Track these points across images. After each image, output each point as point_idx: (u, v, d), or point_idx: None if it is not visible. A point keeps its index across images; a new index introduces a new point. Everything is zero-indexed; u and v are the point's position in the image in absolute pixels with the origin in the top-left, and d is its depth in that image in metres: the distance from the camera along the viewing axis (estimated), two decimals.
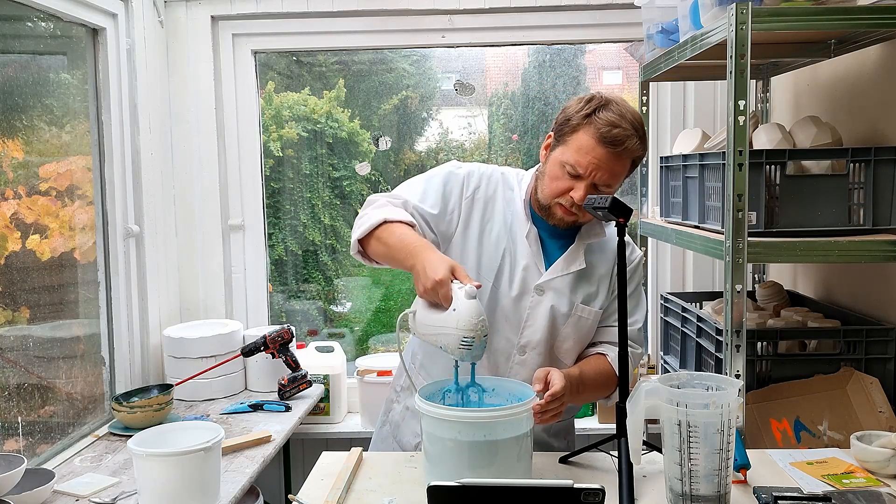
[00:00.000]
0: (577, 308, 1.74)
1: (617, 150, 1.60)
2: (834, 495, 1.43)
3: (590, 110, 1.63)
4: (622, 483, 1.43)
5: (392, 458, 1.73)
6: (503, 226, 1.74)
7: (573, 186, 1.64)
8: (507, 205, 1.76)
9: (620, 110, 1.63)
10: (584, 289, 1.75)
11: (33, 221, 2.36)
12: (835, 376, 1.97)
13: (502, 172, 1.81)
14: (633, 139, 1.61)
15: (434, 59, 3.48)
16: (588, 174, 1.62)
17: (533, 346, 1.73)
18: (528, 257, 1.72)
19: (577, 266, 1.73)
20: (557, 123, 1.69)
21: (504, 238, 1.73)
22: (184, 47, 2.99)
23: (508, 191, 1.78)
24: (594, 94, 1.68)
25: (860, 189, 1.84)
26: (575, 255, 1.74)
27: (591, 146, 1.61)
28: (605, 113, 1.62)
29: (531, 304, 1.72)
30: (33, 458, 2.20)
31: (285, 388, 2.75)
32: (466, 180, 1.76)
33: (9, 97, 2.29)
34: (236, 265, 3.15)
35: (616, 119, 1.61)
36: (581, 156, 1.62)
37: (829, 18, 1.72)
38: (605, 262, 1.78)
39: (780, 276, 2.67)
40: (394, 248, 1.61)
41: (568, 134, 1.65)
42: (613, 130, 1.60)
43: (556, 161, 1.66)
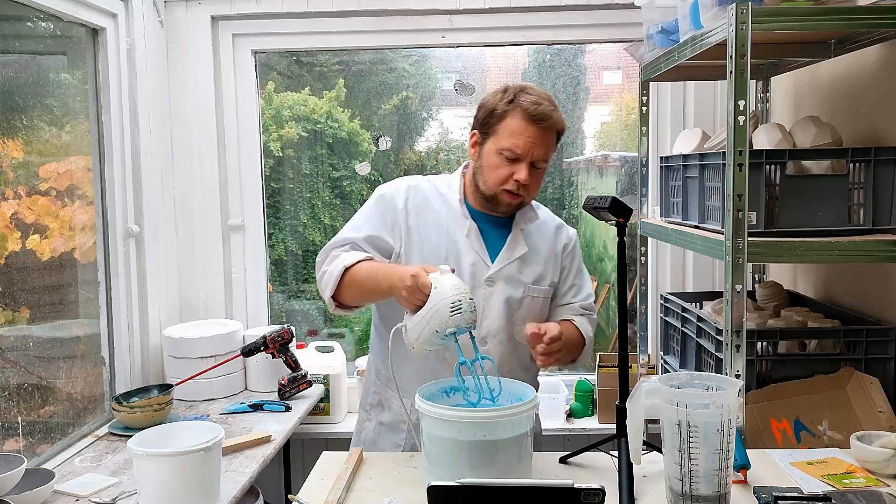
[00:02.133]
0: (528, 290, 1.84)
1: (545, 124, 1.74)
2: (834, 495, 1.43)
3: (511, 97, 1.75)
4: (622, 483, 1.44)
5: (392, 458, 1.73)
6: (442, 229, 1.83)
7: (514, 170, 1.75)
8: (442, 208, 1.85)
9: (536, 91, 1.78)
10: (532, 270, 1.86)
11: (33, 221, 2.36)
12: (835, 376, 1.97)
13: (428, 180, 1.92)
14: (556, 112, 1.76)
15: (434, 59, 3.48)
16: (526, 153, 1.74)
17: (493, 336, 1.82)
18: (473, 253, 1.82)
19: (521, 251, 1.84)
20: (480, 119, 1.80)
21: (444, 240, 1.82)
22: (184, 47, 2.99)
23: (439, 196, 1.87)
24: (505, 85, 1.80)
25: (860, 189, 1.84)
26: (516, 241, 1.85)
27: (523, 127, 1.73)
28: (525, 96, 1.75)
29: (484, 297, 1.81)
30: (33, 458, 2.20)
31: (285, 388, 2.75)
32: (395, 196, 1.86)
33: (9, 97, 2.29)
34: (236, 265, 3.15)
35: (537, 98, 1.75)
36: (516, 138, 1.73)
37: (829, 18, 1.72)
38: (545, 243, 1.90)
39: (780, 276, 2.66)
40: (365, 285, 1.74)
41: (496, 124, 1.77)
42: (539, 108, 1.73)
43: (491, 152, 1.77)
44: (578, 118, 3.49)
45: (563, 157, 3.51)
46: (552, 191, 3.57)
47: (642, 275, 2.73)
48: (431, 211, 1.85)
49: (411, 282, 1.56)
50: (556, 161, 3.51)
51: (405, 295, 1.59)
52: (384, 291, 1.69)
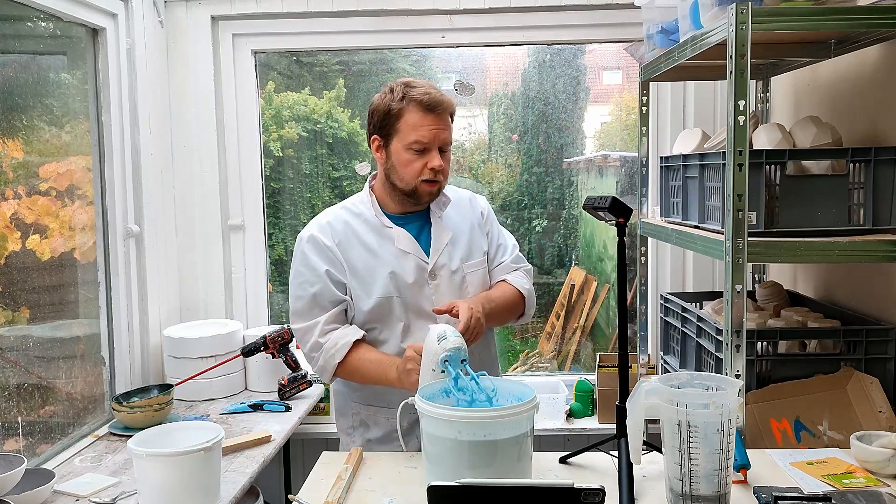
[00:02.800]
0: (464, 269, 1.93)
1: (441, 109, 1.81)
2: (834, 495, 1.43)
3: (401, 94, 1.81)
4: (622, 483, 1.44)
5: (392, 458, 1.73)
6: (374, 250, 1.88)
7: (426, 160, 1.82)
8: (365, 229, 1.90)
9: (420, 82, 1.84)
10: (461, 250, 1.94)
11: (33, 221, 2.36)
12: (835, 376, 1.97)
13: (342, 207, 1.97)
14: (445, 96, 1.83)
15: (434, 59, 3.48)
16: (433, 141, 1.81)
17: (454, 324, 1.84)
18: (412, 256, 1.87)
19: (447, 237, 1.92)
20: (377, 122, 1.86)
21: (382, 259, 1.87)
22: (184, 47, 2.99)
23: (356, 217, 1.92)
24: (389, 84, 1.86)
25: (860, 189, 1.84)
26: (439, 230, 1.92)
27: (422, 118, 1.80)
28: (413, 89, 1.81)
29: (432, 291, 1.88)
30: (33, 458, 2.20)
31: (285, 388, 2.75)
32: (322, 236, 1.89)
33: (9, 97, 2.30)
34: (236, 265, 3.15)
35: (425, 88, 1.82)
36: (419, 131, 1.80)
37: (829, 18, 1.72)
38: (462, 218, 1.98)
39: (780, 276, 2.67)
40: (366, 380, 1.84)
41: (395, 123, 1.82)
42: (431, 96, 1.80)
43: (398, 151, 1.83)
44: (578, 118, 3.49)
45: (563, 157, 3.51)
46: (552, 191, 3.57)
47: (642, 275, 2.73)
48: (357, 236, 1.89)
49: (412, 365, 1.68)
50: (556, 161, 3.52)
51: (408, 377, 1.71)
52: (391, 383, 1.79)
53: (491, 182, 3.52)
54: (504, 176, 3.58)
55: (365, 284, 1.86)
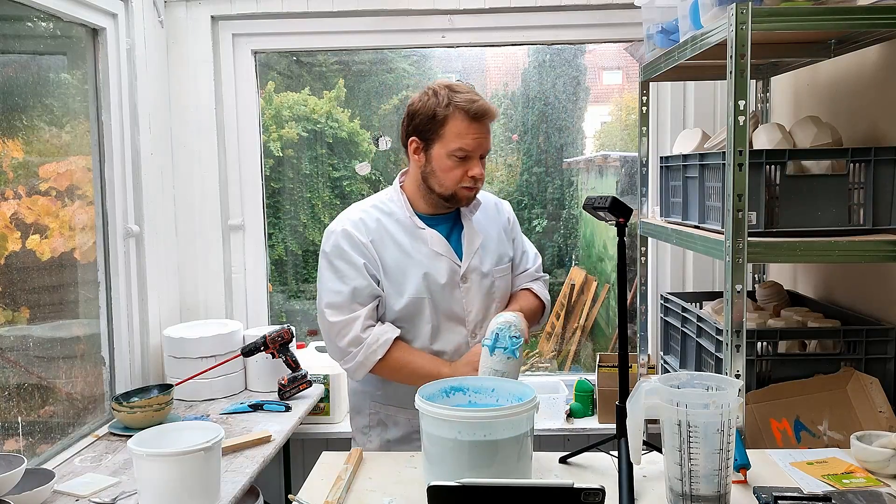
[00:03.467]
0: (494, 273, 1.94)
1: (487, 119, 1.81)
2: (834, 495, 1.43)
3: (447, 100, 1.80)
4: (622, 483, 1.44)
5: (392, 458, 1.73)
6: (406, 251, 1.87)
7: (468, 167, 1.81)
8: (397, 228, 1.88)
9: (464, 87, 1.83)
10: (491, 254, 1.95)
11: (33, 221, 2.36)
12: (835, 376, 1.97)
13: (372, 206, 1.93)
14: (490, 105, 1.82)
15: (434, 59, 3.48)
16: (476, 150, 1.81)
17: (479, 326, 1.90)
18: (445, 258, 1.87)
19: (479, 240, 1.93)
20: (419, 125, 1.83)
21: (415, 260, 1.86)
22: (184, 47, 2.99)
23: (387, 216, 1.90)
24: (432, 87, 1.84)
25: (860, 189, 1.84)
26: (471, 233, 1.92)
27: (467, 127, 1.79)
28: (459, 95, 1.80)
29: (463, 294, 1.88)
30: (33, 458, 2.20)
31: (285, 388, 2.74)
32: (356, 233, 1.86)
33: (9, 97, 2.30)
34: (236, 265, 3.15)
35: (470, 95, 1.81)
36: (463, 139, 1.79)
37: (829, 18, 1.72)
38: (492, 224, 1.99)
39: (780, 276, 2.66)
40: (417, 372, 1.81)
41: (439, 128, 1.81)
42: (478, 104, 1.79)
43: (440, 156, 1.81)
44: (578, 118, 3.49)
45: (563, 157, 3.51)
46: (552, 191, 3.57)
47: (642, 275, 2.73)
48: (389, 235, 1.88)
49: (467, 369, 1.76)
50: (556, 161, 3.52)
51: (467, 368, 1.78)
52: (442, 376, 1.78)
53: (491, 182, 3.52)
54: (504, 176, 3.58)
55: (397, 284, 1.85)
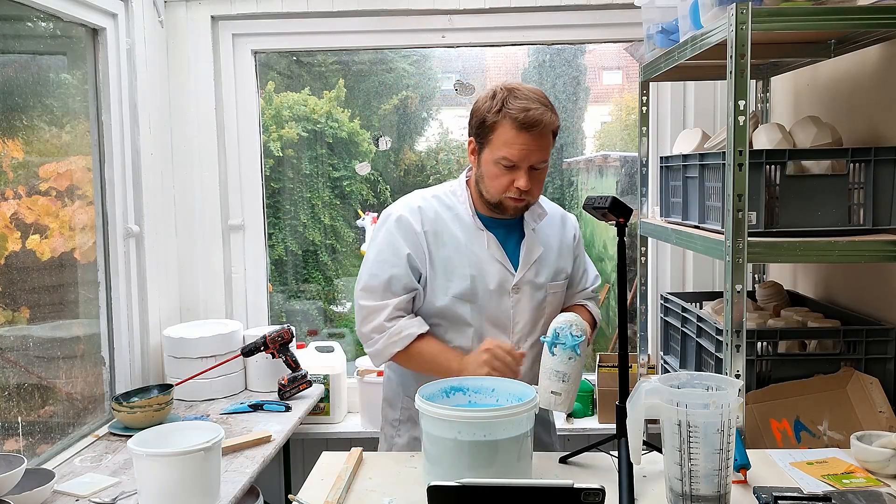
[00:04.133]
0: (549, 288, 1.88)
1: (537, 129, 1.72)
2: (834, 495, 1.43)
3: (499, 105, 1.73)
4: (622, 483, 1.43)
5: (392, 458, 1.73)
6: (461, 247, 1.82)
7: (514, 177, 1.74)
8: (455, 223, 1.84)
9: (525, 93, 1.74)
10: (549, 268, 1.89)
11: (33, 221, 2.36)
12: (835, 376, 1.97)
13: (434, 195, 1.89)
14: (547, 113, 1.73)
15: (434, 59, 3.48)
16: (522, 160, 1.73)
17: (525, 338, 1.85)
18: (498, 264, 1.82)
19: (538, 252, 1.87)
20: (474, 127, 1.79)
21: (466, 258, 1.82)
22: (184, 47, 2.99)
23: (448, 210, 1.86)
24: (496, 88, 1.77)
25: (860, 189, 1.84)
26: (532, 244, 1.87)
27: (514, 136, 1.71)
28: (514, 101, 1.72)
29: (513, 304, 1.84)
30: (33, 458, 2.20)
31: (285, 388, 2.75)
32: (411, 220, 1.83)
33: (9, 97, 2.30)
34: (236, 265, 3.15)
35: (526, 103, 1.71)
36: (509, 148, 1.72)
37: (829, 18, 1.72)
38: (555, 237, 1.93)
39: (780, 276, 2.66)
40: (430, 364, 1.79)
41: (488, 134, 1.75)
42: (528, 114, 1.70)
43: (488, 162, 1.76)
44: (578, 118, 3.49)
45: (563, 157, 3.51)
46: (552, 191, 3.57)
47: (642, 275, 2.73)
48: (446, 229, 1.83)
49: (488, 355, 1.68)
50: (556, 161, 3.52)
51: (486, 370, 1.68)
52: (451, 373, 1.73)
53: None
54: None
55: (443, 280, 1.81)
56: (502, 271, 1.82)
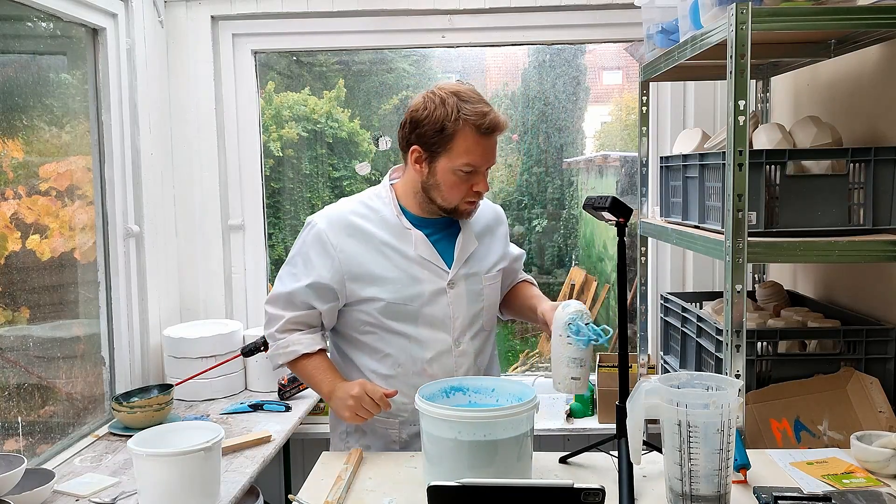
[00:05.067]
0: (484, 279, 1.86)
1: (497, 133, 1.72)
2: (834, 495, 1.43)
3: (457, 110, 1.68)
4: (622, 483, 1.44)
5: (392, 458, 1.73)
6: (387, 250, 1.78)
7: (473, 182, 1.74)
8: (381, 227, 1.79)
9: (472, 96, 1.70)
10: (484, 259, 1.87)
11: (33, 221, 2.36)
12: (835, 376, 1.97)
13: (359, 201, 1.85)
14: (501, 117, 1.72)
15: (434, 59, 3.48)
16: (483, 165, 1.73)
17: (464, 333, 1.82)
18: (428, 263, 1.78)
19: (472, 246, 1.84)
20: (425, 136, 1.71)
21: (392, 261, 1.77)
22: (184, 47, 2.99)
23: (373, 213, 1.81)
24: (436, 93, 1.72)
25: (860, 189, 1.84)
26: (467, 238, 1.84)
27: (476, 142, 1.69)
28: (468, 107, 1.68)
29: (450, 301, 1.80)
30: (33, 458, 2.20)
31: (285, 388, 2.75)
32: (327, 231, 1.78)
33: (9, 97, 2.30)
34: (236, 265, 3.15)
35: (481, 107, 1.69)
36: (472, 155, 1.70)
37: (829, 18, 1.72)
38: (485, 227, 1.91)
39: (780, 276, 2.67)
40: (308, 382, 1.83)
41: (447, 142, 1.70)
42: (488, 119, 1.68)
43: (445, 171, 1.72)
44: (578, 118, 3.49)
45: (563, 157, 3.51)
46: (552, 191, 3.57)
47: (642, 275, 2.73)
48: (369, 236, 1.78)
49: (353, 402, 1.67)
50: (556, 161, 3.52)
51: (347, 415, 1.69)
52: (322, 395, 1.80)
53: (491, 182, 3.51)
54: (504, 176, 3.58)
55: (375, 286, 1.76)
56: (434, 269, 1.78)
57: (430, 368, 1.79)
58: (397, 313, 1.77)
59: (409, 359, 1.79)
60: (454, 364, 1.81)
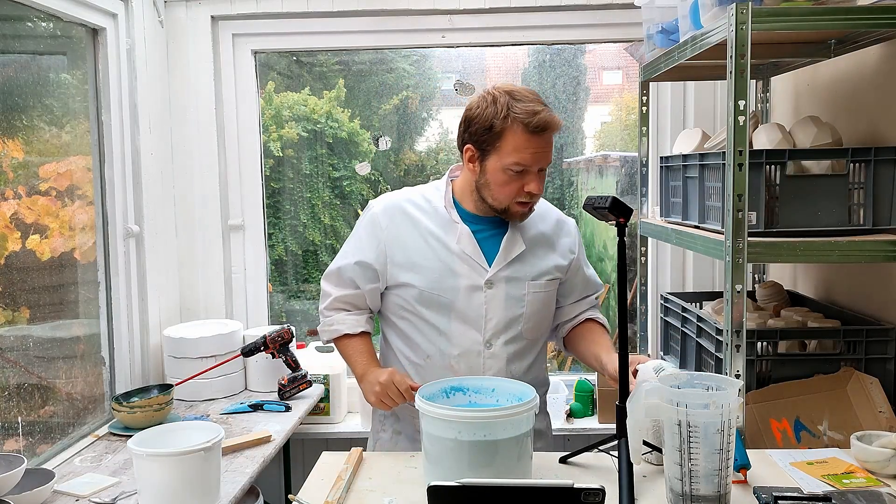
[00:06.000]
0: (530, 287, 1.82)
1: (549, 132, 1.70)
2: (834, 495, 1.43)
3: (505, 110, 1.69)
4: (622, 483, 1.43)
5: (392, 458, 1.73)
6: (431, 240, 1.81)
7: (524, 182, 1.72)
8: (431, 218, 1.83)
9: (526, 95, 1.71)
10: (533, 267, 1.83)
11: (33, 221, 2.36)
12: (835, 376, 1.97)
13: (418, 191, 1.89)
14: (551, 114, 1.70)
15: (434, 59, 3.48)
16: (534, 164, 1.71)
17: (497, 336, 1.81)
18: (468, 258, 1.79)
19: (519, 249, 1.82)
20: (476, 134, 1.73)
21: (434, 251, 1.80)
22: (184, 47, 2.99)
23: (427, 203, 1.85)
24: (492, 92, 1.73)
25: (860, 189, 1.84)
26: (513, 240, 1.82)
27: (526, 140, 1.68)
28: (519, 105, 1.68)
29: (486, 300, 1.79)
30: (33, 458, 2.20)
31: (285, 388, 2.75)
32: (380, 215, 1.85)
33: (9, 97, 2.30)
34: (236, 265, 3.15)
35: (532, 105, 1.69)
36: (522, 154, 1.69)
37: (829, 18, 1.72)
38: (542, 235, 1.87)
39: (780, 276, 2.67)
40: (347, 362, 1.90)
41: (495, 140, 1.71)
42: (539, 117, 1.67)
43: (495, 170, 1.73)
44: (578, 118, 3.49)
45: (563, 157, 3.51)
46: (552, 191, 3.57)
47: (642, 275, 2.73)
48: (417, 224, 1.82)
49: (380, 389, 1.71)
50: (556, 161, 3.51)
51: (373, 400, 1.75)
52: (356, 376, 1.86)
53: None
54: None
55: (413, 274, 1.79)
56: (474, 266, 1.79)
57: (458, 365, 1.80)
58: (431, 303, 1.79)
59: (437, 352, 1.81)
60: (482, 365, 1.80)
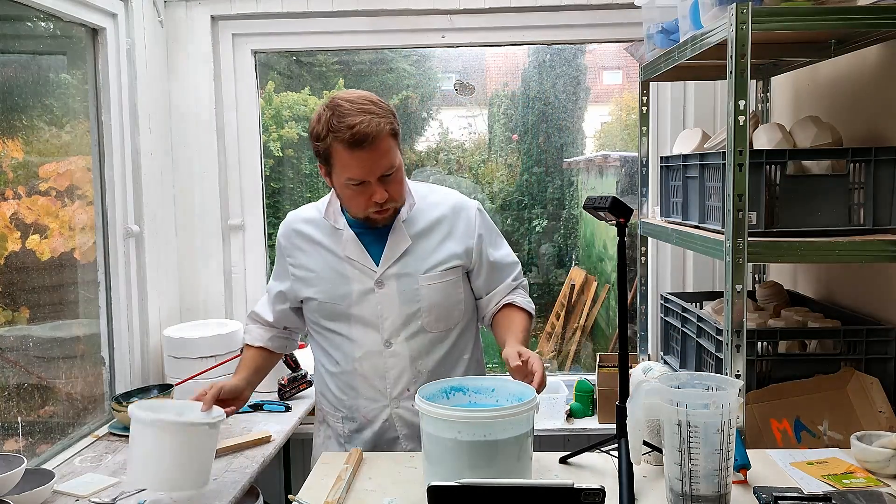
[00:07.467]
0: (422, 279, 1.79)
1: (370, 143, 1.63)
2: (834, 495, 1.43)
3: (325, 128, 1.65)
4: (622, 483, 1.44)
5: (392, 458, 1.73)
6: (321, 252, 1.84)
7: (369, 192, 1.69)
8: (318, 230, 1.86)
9: (348, 107, 1.64)
10: (424, 259, 1.80)
11: (33, 221, 2.36)
12: (835, 376, 1.97)
13: (311, 206, 1.94)
14: (375, 121, 1.62)
15: (434, 59, 3.48)
16: (367, 176, 1.67)
17: (396, 335, 1.80)
18: (356, 262, 1.80)
19: (405, 245, 1.80)
20: (315, 153, 1.74)
21: (325, 262, 1.83)
22: (184, 47, 2.99)
23: (310, 224, 1.88)
24: (322, 107, 1.70)
25: (860, 189, 1.84)
26: (398, 236, 1.79)
27: (350, 156, 1.64)
28: (338, 121, 1.63)
29: (379, 300, 1.79)
30: (33, 458, 2.20)
31: (285, 388, 2.75)
32: (280, 238, 1.94)
33: (9, 97, 2.29)
34: (236, 265, 3.15)
35: (350, 119, 1.62)
36: (352, 169, 1.66)
37: (829, 18, 1.72)
38: (433, 225, 1.83)
39: (780, 276, 2.67)
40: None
41: (328, 159, 1.70)
42: (355, 130, 1.61)
43: (340, 185, 1.74)
44: (578, 118, 3.49)
45: (563, 157, 3.52)
46: (552, 191, 3.57)
47: (642, 275, 2.74)
48: (310, 239, 1.86)
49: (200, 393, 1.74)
50: (556, 161, 3.52)
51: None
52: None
53: (491, 182, 3.52)
54: (504, 176, 3.58)
55: (312, 288, 1.83)
56: (362, 269, 1.79)
57: (361, 367, 1.82)
58: (330, 313, 1.82)
59: (343, 357, 1.84)
60: (385, 365, 1.81)
